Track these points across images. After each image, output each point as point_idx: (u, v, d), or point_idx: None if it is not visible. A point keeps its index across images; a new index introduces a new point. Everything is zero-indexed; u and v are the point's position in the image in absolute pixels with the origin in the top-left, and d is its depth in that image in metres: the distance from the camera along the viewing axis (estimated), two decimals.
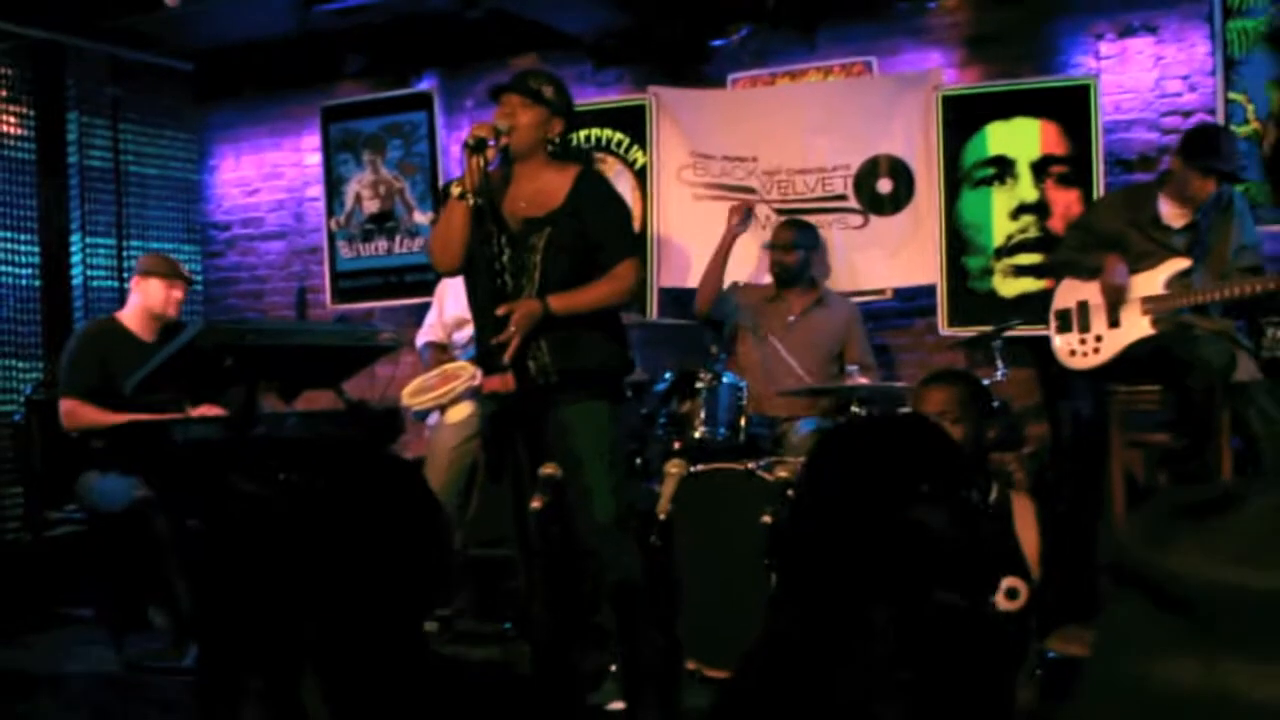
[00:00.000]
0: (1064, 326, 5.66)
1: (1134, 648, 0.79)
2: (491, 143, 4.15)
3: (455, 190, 4.19)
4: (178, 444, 4.94)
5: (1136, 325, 5.42)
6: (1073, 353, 5.61)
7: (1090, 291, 5.58)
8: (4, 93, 7.45)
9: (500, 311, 4.09)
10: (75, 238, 7.81)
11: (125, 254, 7.96)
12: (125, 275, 7.87)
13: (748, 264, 6.78)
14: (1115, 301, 5.45)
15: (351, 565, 1.80)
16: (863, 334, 6.36)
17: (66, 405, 5.63)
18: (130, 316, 5.92)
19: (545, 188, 4.30)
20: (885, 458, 1.97)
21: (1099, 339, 5.52)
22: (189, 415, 5.47)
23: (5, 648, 5.79)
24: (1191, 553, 0.77)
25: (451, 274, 4.51)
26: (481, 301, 4.27)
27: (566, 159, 4.39)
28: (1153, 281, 5.42)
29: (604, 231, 4.28)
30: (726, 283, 6.55)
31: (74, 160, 7.81)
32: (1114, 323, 5.48)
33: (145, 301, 5.88)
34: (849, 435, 2.18)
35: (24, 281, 7.49)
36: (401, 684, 1.80)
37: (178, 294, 5.95)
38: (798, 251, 6.32)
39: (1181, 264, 5.39)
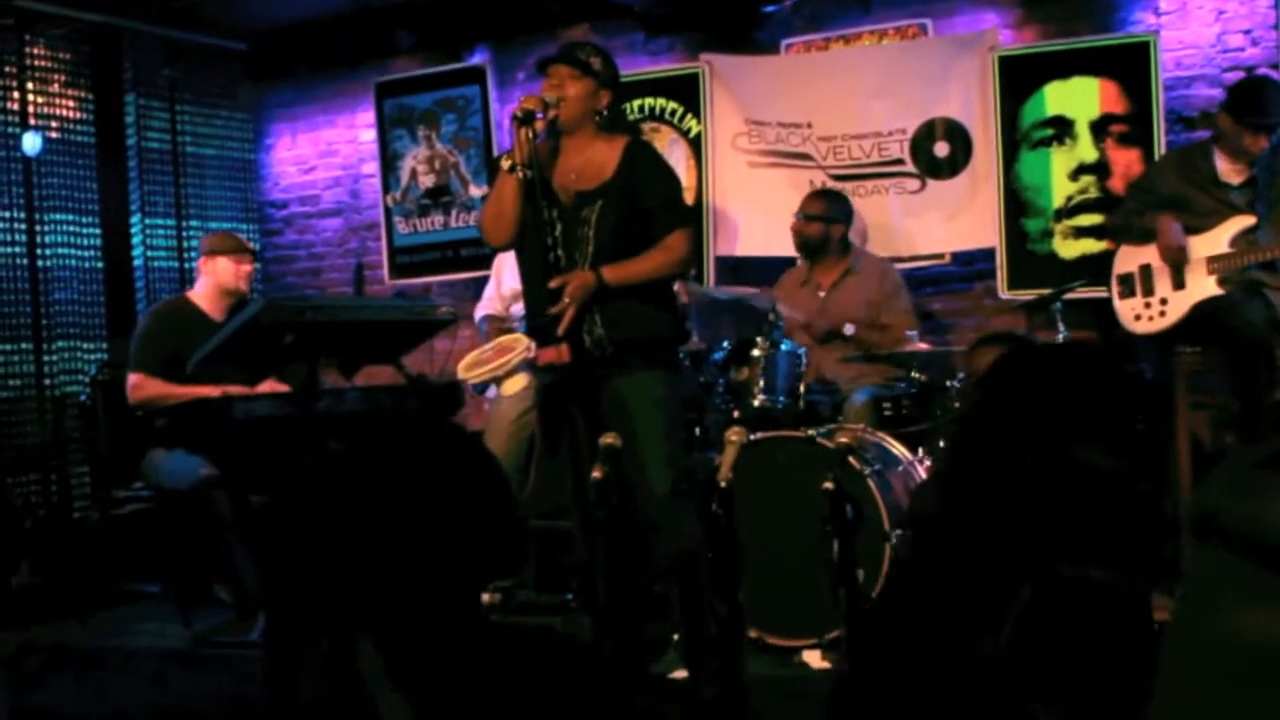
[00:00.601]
0: (1127, 291, 5.59)
1: (1224, 600, 0.78)
2: (540, 115, 4.14)
3: (505, 163, 4.19)
4: (240, 421, 4.98)
5: (1202, 285, 5.35)
6: (1138, 317, 5.54)
7: (1151, 254, 5.52)
8: (63, 77, 7.53)
9: (554, 284, 4.08)
10: (135, 219, 7.89)
11: (185, 234, 8.04)
12: (186, 255, 7.95)
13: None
14: (1176, 263, 5.39)
15: (409, 533, 1.80)
16: (901, 297, 6.28)
17: (134, 379, 5.70)
18: (201, 296, 5.97)
19: (595, 159, 4.28)
20: (1059, 390, 1.82)
21: (1164, 302, 5.45)
22: (254, 391, 5.51)
23: (76, 623, 5.88)
24: (1275, 505, 0.75)
25: (504, 248, 4.50)
26: (534, 275, 4.26)
27: (615, 130, 4.37)
28: (1217, 240, 5.35)
29: (655, 202, 4.26)
30: (777, 251, 6.53)
31: (132, 142, 7.89)
32: (1179, 284, 5.41)
33: (216, 279, 5.93)
34: (1023, 364, 1.99)
35: (87, 264, 7.59)
36: (461, 652, 1.80)
37: (246, 268, 6.01)
38: (817, 224, 6.26)
39: (1245, 221, 5.32)
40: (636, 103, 7.26)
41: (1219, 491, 0.80)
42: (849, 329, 5.96)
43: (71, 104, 7.56)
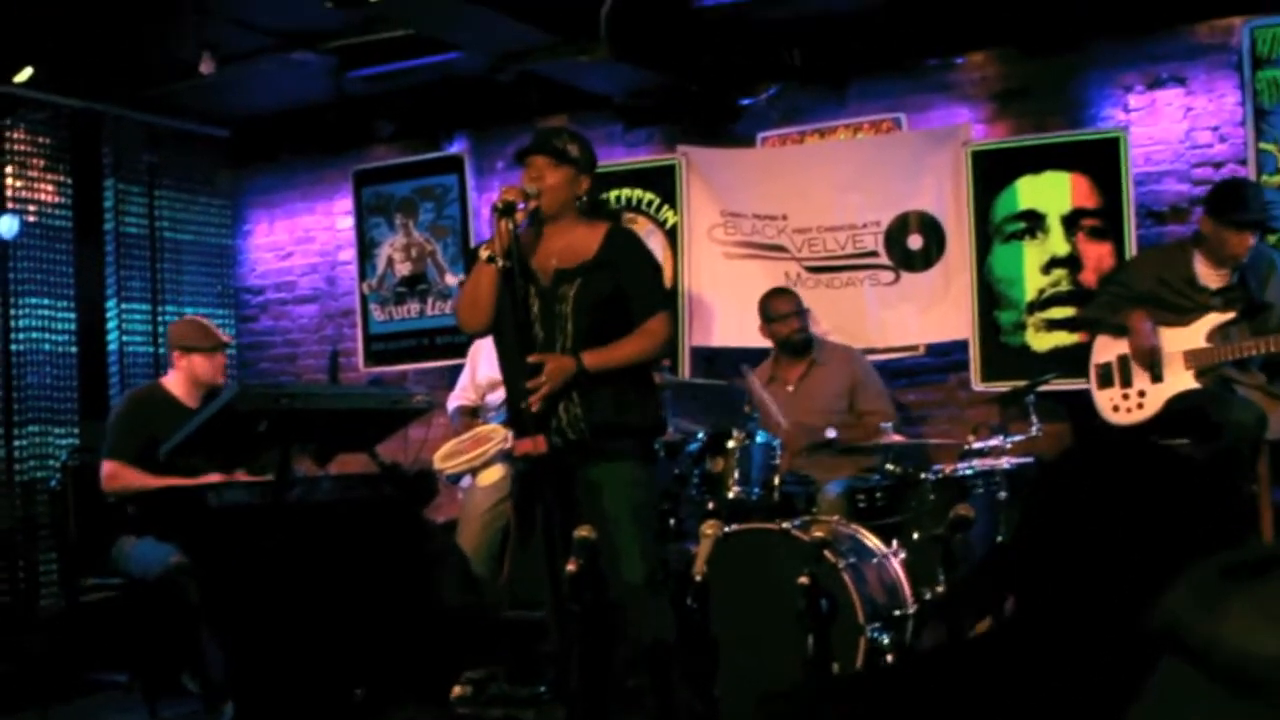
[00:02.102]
0: (1105, 381, 5.61)
1: (1185, 715, 0.76)
2: (521, 206, 4.15)
3: (484, 253, 4.19)
4: (213, 509, 4.95)
5: (1180, 378, 5.37)
6: (1115, 408, 5.56)
7: (1127, 346, 5.55)
8: (42, 161, 7.54)
9: (533, 359, 4.07)
10: (111, 304, 7.87)
11: (160, 319, 8.02)
12: (161, 341, 7.92)
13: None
14: (1148, 362, 5.40)
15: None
16: (873, 381, 6.32)
17: (109, 468, 5.65)
18: (174, 383, 5.94)
19: (576, 242, 4.30)
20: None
21: (1142, 394, 5.47)
22: (233, 479, 5.47)
23: (42, 714, 5.78)
24: (1242, 619, 0.74)
25: (477, 334, 4.50)
26: (511, 364, 4.26)
27: (596, 216, 4.39)
28: (1195, 335, 5.38)
29: (635, 285, 4.27)
30: (752, 342, 6.56)
31: (110, 227, 7.89)
32: (1157, 377, 5.43)
33: (191, 374, 5.91)
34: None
35: (60, 348, 7.55)
36: None
37: (220, 360, 5.98)
38: (794, 319, 6.30)
39: (1223, 317, 5.34)
40: (614, 193, 7.32)
41: (1179, 603, 0.78)
42: (830, 433, 5.95)
43: (50, 188, 7.57)
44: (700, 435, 5.58)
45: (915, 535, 5.38)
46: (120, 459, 5.64)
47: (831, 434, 5.94)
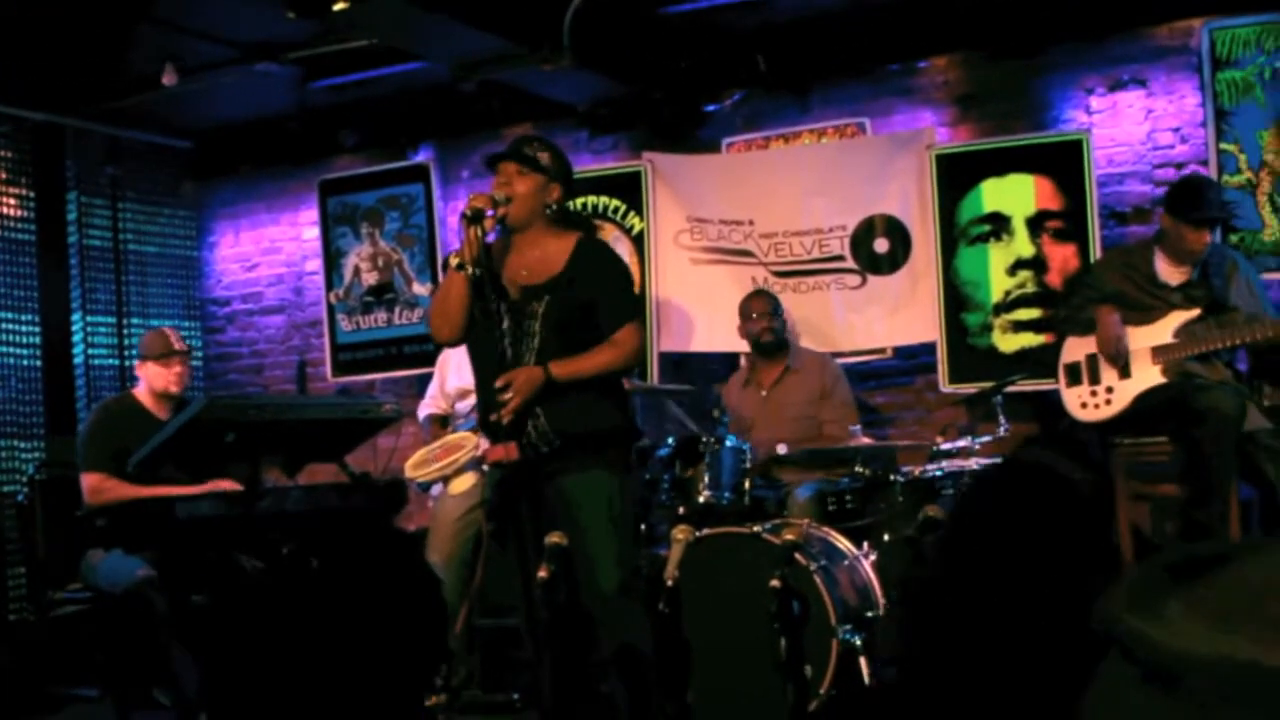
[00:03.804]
0: (1074, 379, 5.65)
1: (1123, 713, 0.76)
2: (490, 213, 4.13)
3: (454, 261, 4.19)
4: (182, 521, 4.92)
5: (1148, 374, 5.41)
6: (1084, 405, 5.59)
7: (1095, 345, 5.59)
8: (4, 175, 7.51)
9: (499, 383, 4.06)
10: (76, 317, 7.83)
11: (126, 332, 7.99)
12: (127, 353, 7.89)
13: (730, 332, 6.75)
14: (1113, 355, 5.45)
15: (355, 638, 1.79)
16: (840, 389, 6.33)
17: (92, 480, 5.58)
18: (144, 395, 5.91)
19: (545, 255, 4.29)
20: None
21: (1110, 390, 5.51)
22: (217, 488, 5.42)
23: None
24: (1178, 620, 0.74)
25: (450, 344, 4.49)
26: (484, 372, 4.25)
27: (567, 225, 4.39)
28: (1162, 331, 5.42)
29: (605, 296, 4.26)
30: (721, 347, 6.59)
31: (74, 240, 7.86)
32: (1125, 373, 5.47)
33: (149, 384, 5.88)
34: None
35: (25, 362, 7.51)
36: None
37: (177, 369, 5.90)
38: (766, 320, 6.33)
39: (1189, 314, 5.39)
40: (580, 200, 7.32)
41: (1118, 601, 0.79)
42: (781, 449, 5.94)
43: (13, 201, 7.53)
44: (670, 440, 5.60)
45: (886, 537, 5.40)
46: (101, 470, 5.59)
47: (782, 449, 5.92)
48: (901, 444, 6.17)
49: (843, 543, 5.28)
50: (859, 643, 4.68)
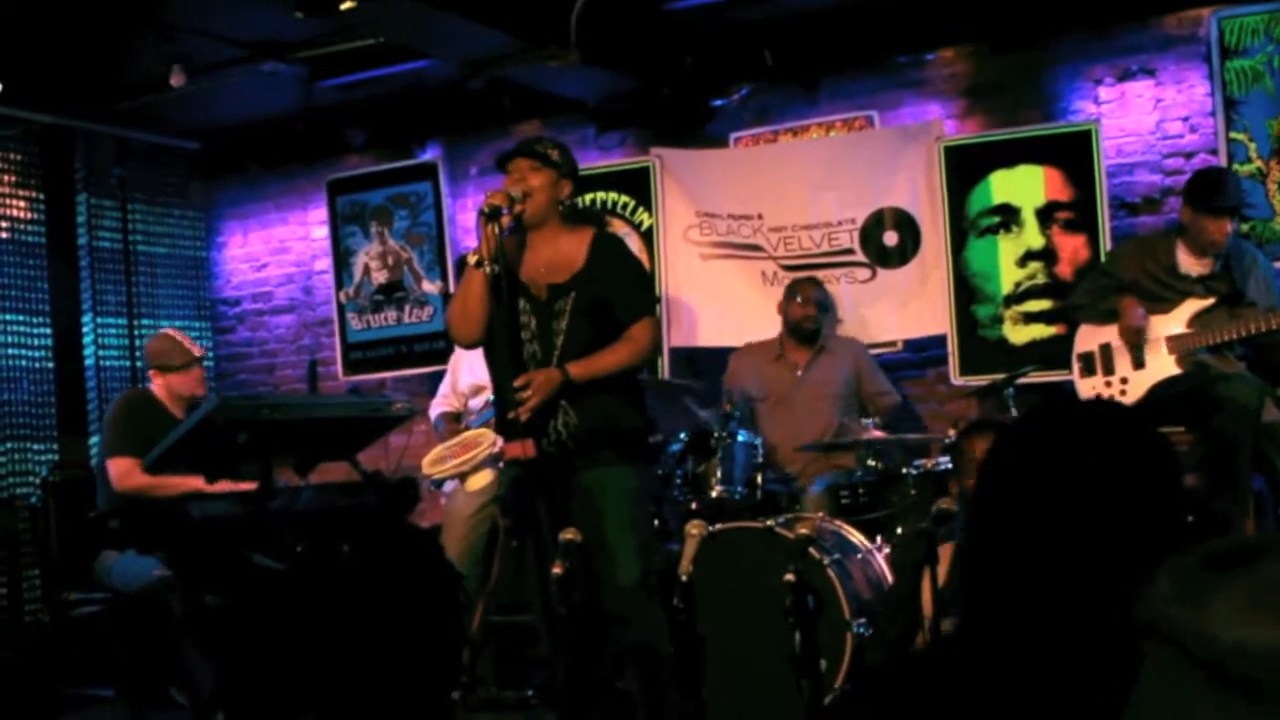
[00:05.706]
0: (1088, 370, 5.64)
1: (1175, 709, 0.76)
2: (506, 210, 4.15)
3: (472, 259, 4.19)
4: (196, 520, 4.93)
5: (1163, 364, 5.41)
6: (1098, 396, 5.59)
7: (1112, 334, 5.58)
8: (13, 177, 7.52)
9: (518, 383, 4.07)
10: (86, 318, 7.85)
11: (136, 333, 8.00)
12: (137, 354, 7.90)
13: (753, 321, 6.78)
14: (1135, 344, 5.45)
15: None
16: (873, 367, 6.43)
17: (122, 466, 5.57)
18: (161, 392, 5.92)
19: (562, 252, 4.30)
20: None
21: (1125, 381, 5.51)
22: (239, 488, 5.42)
23: None
24: (1223, 610, 0.73)
25: (470, 346, 4.48)
26: (503, 369, 4.25)
27: (580, 221, 4.41)
28: (1177, 320, 5.41)
29: (621, 292, 4.27)
30: (731, 341, 6.61)
31: (83, 242, 7.87)
32: (1139, 364, 5.46)
33: (169, 391, 5.88)
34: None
35: (37, 364, 7.53)
36: None
37: (196, 373, 5.95)
38: (812, 307, 6.38)
39: (1204, 303, 5.38)
40: (588, 197, 7.32)
41: (1162, 594, 0.78)
42: (867, 422, 5.88)
43: (22, 204, 7.55)
44: (683, 435, 5.60)
45: (899, 530, 5.40)
46: (131, 455, 5.56)
47: (867, 423, 5.85)
48: (913, 437, 6.17)
49: (856, 536, 5.28)
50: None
